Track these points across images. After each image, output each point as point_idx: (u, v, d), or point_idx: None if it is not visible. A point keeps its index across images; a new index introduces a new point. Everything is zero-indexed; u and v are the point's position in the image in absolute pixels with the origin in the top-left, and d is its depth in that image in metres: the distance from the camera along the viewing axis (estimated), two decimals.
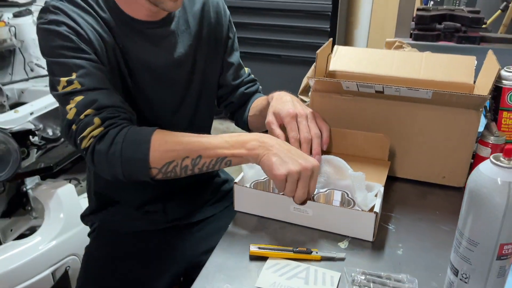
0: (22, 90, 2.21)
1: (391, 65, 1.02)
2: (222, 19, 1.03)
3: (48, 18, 0.81)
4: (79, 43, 0.80)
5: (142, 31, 0.90)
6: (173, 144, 0.77)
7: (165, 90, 0.95)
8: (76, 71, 0.79)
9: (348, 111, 0.92)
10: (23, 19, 2.30)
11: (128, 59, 0.88)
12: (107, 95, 0.80)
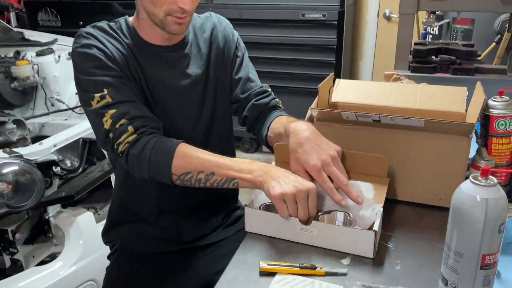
0: (43, 124, 2.34)
1: (388, 96, 1.10)
2: (230, 42, 1.13)
3: (81, 42, 0.96)
4: (108, 62, 0.95)
5: (159, 54, 1.03)
6: (192, 158, 0.89)
7: (182, 106, 1.06)
8: (107, 87, 0.93)
9: (348, 138, 1.00)
10: (46, 57, 2.44)
11: (148, 78, 1.01)
12: (136, 107, 0.94)
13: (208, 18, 1.14)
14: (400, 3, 1.45)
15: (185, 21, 0.96)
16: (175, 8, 0.93)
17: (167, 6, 0.93)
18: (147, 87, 1.02)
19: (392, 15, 3.14)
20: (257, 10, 2.89)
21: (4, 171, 1.42)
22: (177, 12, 0.93)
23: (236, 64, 1.14)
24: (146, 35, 1.02)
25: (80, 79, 0.95)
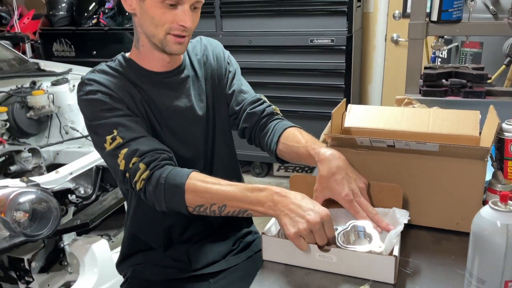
0: (58, 152, 2.37)
1: (401, 121, 1.11)
2: (221, 60, 1.18)
3: (85, 90, 0.99)
4: (113, 103, 0.98)
5: (161, 80, 1.07)
6: (203, 192, 0.91)
7: (189, 128, 1.09)
8: (116, 128, 0.96)
9: (363, 163, 1.00)
10: (60, 87, 2.50)
11: (155, 106, 1.05)
12: (146, 142, 0.97)
13: (198, 41, 1.19)
14: (409, 29, 1.47)
15: (185, 41, 1.00)
16: (176, 26, 0.96)
17: (168, 25, 0.96)
18: (153, 116, 1.04)
19: (400, 39, 3.18)
20: (266, 37, 2.95)
21: (21, 200, 1.44)
22: (177, 30, 0.97)
23: (229, 79, 1.18)
24: (147, 63, 1.06)
25: (91, 125, 0.99)
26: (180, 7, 0.96)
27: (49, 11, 3.51)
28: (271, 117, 1.14)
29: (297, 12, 2.86)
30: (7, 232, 1.40)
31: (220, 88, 1.16)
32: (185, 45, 1.01)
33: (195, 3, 0.98)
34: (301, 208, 0.82)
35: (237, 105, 1.15)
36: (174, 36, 0.98)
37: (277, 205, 0.84)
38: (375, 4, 3.15)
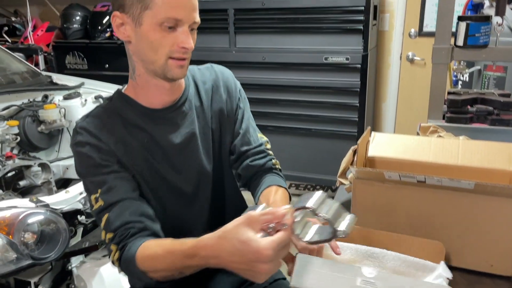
0: (67, 167, 2.34)
1: (428, 152, 1.06)
2: (233, 93, 1.12)
3: (76, 139, 0.96)
4: (101, 158, 0.94)
5: (163, 117, 1.02)
6: (161, 267, 0.85)
7: (196, 162, 1.05)
8: (101, 187, 0.93)
9: (391, 198, 0.95)
10: (72, 101, 2.48)
11: (158, 145, 1.01)
12: (122, 210, 0.92)
13: (209, 68, 1.13)
14: (433, 53, 1.43)
15: (185, 64, 0.95)
16: (177, 49, 0.91)
17: (169, 48, 0.91)
18: (155, 155, 1.00)
19: (416, 58, 3.13)
20: (280, 54, 2.92)
21: (30, 221, 1.40)
22: (179, 53, 0.92)
23: (239, 116, 1.13)
24: (145, 98, 1.00)
25: (81, 179, 0.98)
26: (179, 29, 0.91)
27: (63, 24, 3.52)
28: (267, 172, 1.11)
29: (311, 29, 2.83)
30: (14, 255, 1.36)
31: (228, 122, 1.11)
32: (186, 68, 0.96)
33: (192, 24, 0.93)
34: (244, 264, 0.71)
35: (242, 146, 1.11)
36: (176, 60, 0.93)
37: (221, 265, 0.75)
38: (391, 22, 3.12)
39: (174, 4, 0.88)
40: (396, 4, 3.07)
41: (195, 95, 1.07)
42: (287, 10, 2.84)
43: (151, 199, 1.02)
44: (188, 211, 1.07)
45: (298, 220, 0.75)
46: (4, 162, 1.97)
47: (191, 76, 1.09)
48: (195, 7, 0.92)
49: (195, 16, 0.92)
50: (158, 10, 0.88)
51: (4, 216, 1.40)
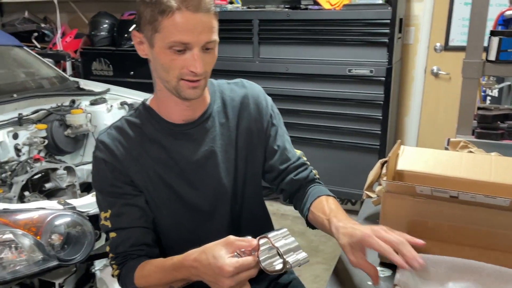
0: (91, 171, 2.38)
1: (459, 167, 1.04)
2: (263, 110, 1.10)
3: (95, 153, 1.01)
4: (115, 179, 0.98)
5: (183, 132, 1.02)
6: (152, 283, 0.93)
7: (214, 179, 1.04)
8: (111, 208, 0.99)
9: (422, 213, 0.94)
10: (98, 106, 2.53)
11: (174, 162, 1.01)
12: (127, 237, 0.99)
13: (238, 84, 1.11)
14: (464, 67, 1.41)
15: (199, 85, 0.94)
16: (186, 71, 0.90)
17: (178, 70, 0.90)
18: (172, 172, 1.02)
19: (441, 72, 3.10)
20: (303, 65, 2.93)
21: (56, 222, 1.43)
22: (189, 76, 0.91)
23: (272, 133, 1.11)
24: (166, 112, 1.01)
25: (95, 191, 1.04)
26: (188, 52, 0.89)
27: (91, 31, 3.61)
28: (311, 184, 1.12)
29: (335, 41, 2.84)
30: (41, 256, 1.38)
31: (258, 139, 1.09)
32: (201, 88, 0.95)
33: (206, 45, 0.90)
34: (211, 276, 0.81)
35: (281, 164, 1.10)
36: (187, 81, 0.92)
37: (199, 276, 0.84)
38: (416, 35, 3.10)
39: (181, 28, 0.86)
40: (421, 17, 3.05)
41: (220, 112, 1.06)
42: (311, 21, 2.86)
43: (164, 215, 1.04)
44: (206, 227, 1.07)
45: (267, 249, 0.80)
46: (32, 164, 2.02)
47: (219, 92, 1.08)
48: (207, 28, 0.89)
49: (207, 37, 0.89)
50: (166, 34, 0.87)
51: (32, 217, 1.43)
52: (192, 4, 0.86)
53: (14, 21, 4.04)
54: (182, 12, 0.86)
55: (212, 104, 1.05)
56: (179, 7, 0.85)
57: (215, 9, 0.91)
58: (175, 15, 0.86)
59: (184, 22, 0.86)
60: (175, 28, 0.86)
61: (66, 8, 3.94)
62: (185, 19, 0.86)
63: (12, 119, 2.18)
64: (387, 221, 1.00)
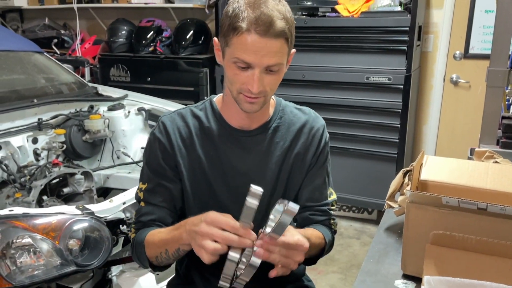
0: (108, 176, 2.39)
1: (485, 178, 1.02)
2: (317, 143, 1.11)
3: (153, 131, 1.08)
4: (162, 160, 1.06)
5: (238, 138, 1.06)
6: (153, 245, 1.00)
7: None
8: (148, 182, 1.07)
9: (447, 225, 0.91)
10: (116, 112, 2.55)
11: (220, 164, 1.06)
12: (153, 212, 1.07)
13: (304, 111, 1.14)
14: (489, 76, 1.38)
15: (257, 101, 0.98)
16: (245, 88, 0.95)
17: (239, 85, 0.96)
18: (214, 172, 1.06)
19: (460, 80, 3.06)
20: (320, 72, 2.91)
21: (75, 227, 1.43)
22: (247, 92, 0.96)
23: (316, 168, 1.12)
24: (229, 116, 1.07)
25: (143, 162, 1.12)
26: (250, 70, 0.94)
27: (109, 37, 3.65)
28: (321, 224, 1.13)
29: (353, 48, 2.82)
30: (59, 260, 1.38)
31: (300, 168, 1.10)
32: (259, 105, 0.99)
33: (270, 67, 0.94)
34: (195, 226, 0.85)
35: (307, 201, 1.12)
36: (245, 96, 0.97)
37: (190, 234, 0.87)
38: (435, 43, 3.07)
39: (245, 47, 0.91)
40: (441, 25, 3.02)
41: (277, 131, 1.09)
42: (329, 29, 2.85)
43: (195, 207, 1.08)
44: None
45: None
46: (50, 169, 2.04)
47: (282, 112, 1.11)
48: (272, 53, 0.92)
49: (269, 61, 0.92)
50: (233, 50, 0.93)
51: (50, 221, 1.43)
52: (261, 28, 0.89)
53: (34, 27, 4.11)
54: (250, 34, 0.90)
55: (272, 121, 1.09)
56: (249, 29, 0.90)
57: (287, 34, 0.93)
58: (244, 35, 0.90)
59: (250, 44, 0.90)
60: (241, 47, 0.91)
61: (85, 15, 4.00)
62: (251, 40, 0.90)
63: (32, 124, 2.20)
64: (410, 232, 0.98)
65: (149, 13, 3.66)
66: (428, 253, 0.87)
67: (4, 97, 2.23)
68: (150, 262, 1.03)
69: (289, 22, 0.94)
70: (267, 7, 0.90)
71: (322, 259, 1.15)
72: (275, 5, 0.92)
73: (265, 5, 0.91)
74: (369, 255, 1.09)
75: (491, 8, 2.84)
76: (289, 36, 0.95)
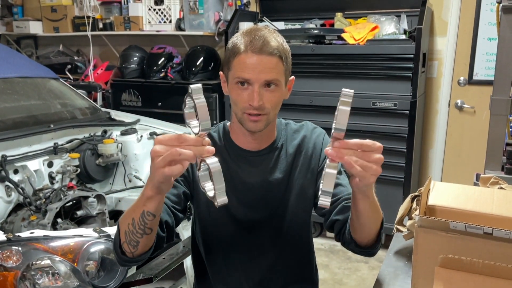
0: (120, 199, 2.44)
1: (491, 203, 1.05)
2: (319, 151, 1.17)
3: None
4: None
5: (247, 158, 1.14)
6: (123, 220, 0.94)
7: (260, 207, 1.14)
8: None
9: (455, 249, 0.95)
10: (129, 136, 2.62)
11: (230, 178, 1.10)
12: None
13: (303, 126, 1.22)
14: (492, 104, 1.44)
15: (260, 120, 1.05)
16: (248, 106, 1.04)
17: (242, 104, 1.05)
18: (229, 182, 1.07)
19: (465, 106, 3.11)
20: (327, 97, 2.98)
21: (92, 250, 1.48)
22: (250, 109, 1.04)
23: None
24: (236, 138, 1.15)
25: None
26: (250, 87, 1.03)
27: (122, 63, 3.76)
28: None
29: (359, 75, 2.89)
30: (77, 282, 1.42)
31: (310, 179, 1.16)
32: (262, 123, 1.06)
33: (267, 82, 1.03)
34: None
35: (333, 197, 1.11)
36: (248, 115, 1.05)
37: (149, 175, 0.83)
38: (439, 69, 3.14)
39: (244, 66, 1.03)
40: (445, 52, 3.09)
41: (283, 149, 1.17)
42: (335, 56, 2.93)
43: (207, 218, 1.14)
44: (243, 237, 1.17)
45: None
46: (65, 192, 2.10)
47: (285, 131, 1.19)
48: (267, 69, 1.02)
49: (266, 76, 1.02)
50: (234, 71, 1.05)
51: (69, 243, 1.48)
52: (256, 47, 1.02)
53: (49, 53, 4.24)
54: (247, 53, 1.02)
55: (277, 141, 1.17)
56: (246, 49, 1.03)
57: (281, 53, 1.04)
58: (241, 55, 1.03)
59: (247, 61, 1.02)
60: (240, 66, 1.03)
61: (98, 41, 4.12)
62: (248, 58, 1.02)
63: (48, 148, 2.27)
64: (420, 256, 1.02)
65: (161, 41, 3.77)
66: (437, 275, 0.91)
67: (22, 122, 2.31)
68: (121, 246, 0.96)
69: (283, 46, 1.06)
70: (261, 32, 1.04)
71: (330, 282, 1.18)
72: (268, 32, 1.05)
73: (259, 31, 1.04)
74: (379, 278, 1.13)
75: (494, 36, 2.91)
76: (283, 56, 1.05)
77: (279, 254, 1.18)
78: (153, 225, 0.91)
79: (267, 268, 1.17)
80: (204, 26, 3.52)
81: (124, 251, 0.97)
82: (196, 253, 1.23)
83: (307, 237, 1.24)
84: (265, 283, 1.17)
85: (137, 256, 0.97)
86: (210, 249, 1.18)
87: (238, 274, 1.16)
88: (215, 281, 1.19)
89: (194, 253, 1.24)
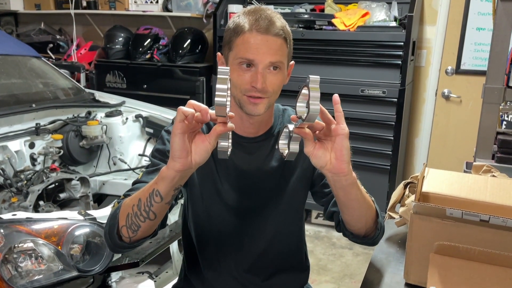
0: (104, 182, 2.39)
1: (485, 191, 1.05)
2: None
3: (166, 129, 1.09)
4: (167, 153, 0.99)
5: (243, 144, 1.09)
6: (128, 202, 0.92)
7: (253, 194, 1.11)
8: (149, 167, 1.06)
9: (450, 236, 0.95)
10: (114, 118, 2.56)
11: (225, 165, 1.08)
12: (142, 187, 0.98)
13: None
14: (485, 92, 1.43)
15: (261, 102, 1.00)
16: (249, 87, 0.99)
17: (243, 86, 0.99)
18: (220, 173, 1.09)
19: (451, 95, 3.13)
20: None
21: (77, 233, 1.44)
22: (251, 91, 0.99)
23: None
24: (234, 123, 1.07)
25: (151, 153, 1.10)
26: (253, 68, 0.99)
27: (106, 44, 3.65)
28: None
29: (349, 62, 2.87)
30: (61, 266, 1.38)
31: (307, 167, 1.13)
32: (263, 106, 1.01)
33: (272, 64, 0.99)
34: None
35: (325, 187, 1.13)
36: (249, 97, 1.00)
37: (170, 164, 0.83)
38: (428, 58, 3.14)
39: (248, 46, 0.98)
40: (434, 41, 3.09)
41: (278, 135, 1.11)
42: (325, 41, 2.90)
43: (199, 202, 1.12)
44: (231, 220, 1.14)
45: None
46: (48, 174, 2.04)
47: (282, 117, 1.15)
48: (272, 50, 0.98)
49: (271, 58, 0.98)
50: (237, 51, 0.99)
51: (52, 226, 1.43)
52: (261, 27, 0.98)
53: (29, 31, 4.10)
54: (252, 33, 0.98)
55: (274, 128, 1.13)
56: (250, 29, 0.98)
57: (286, 35, 1.01)
58: (245, 35, 0.98)
59: (252, 42, 0.97)
60: (244, 46, 0.98)
61: (81, 20, 4.00)
62: (253, 38, 0.98)
63: (29, 128, 2.20)
64: (414, 242, 1.01)
65: (147, 21, 3.68)
66: (432, 262, 0.90)
67: (2, 101, 2.22)
68: (119, 230, 0.95)
69: (287, 27, 1.02)
70: (266, 12, 1.00)
71: (315, 268, 1.18)
72: (273, 12, 1.01)
73: (264, 11, 1.00)
74: (371, 265, 1.12)
75: (483, 26, 2.93)
76: (288, 38, 1.02)
77: (270, 242, 1.15)
78: (158, 210, 0.89)
79: (258, 256, 1.15)
80: (192, 7, 3.44)
81: (121, 236, 0.94)
82: (187, 238, 1.20)
83: (299, 226, 1.22)
84: (255, 270, 1.16)
85: (134, 242, 0.94)
86: (202, 234, 1.15)
87: (229, 260, 1.14)
88: (205, 267, 1.17)
89: (185, 238, 1.22)
